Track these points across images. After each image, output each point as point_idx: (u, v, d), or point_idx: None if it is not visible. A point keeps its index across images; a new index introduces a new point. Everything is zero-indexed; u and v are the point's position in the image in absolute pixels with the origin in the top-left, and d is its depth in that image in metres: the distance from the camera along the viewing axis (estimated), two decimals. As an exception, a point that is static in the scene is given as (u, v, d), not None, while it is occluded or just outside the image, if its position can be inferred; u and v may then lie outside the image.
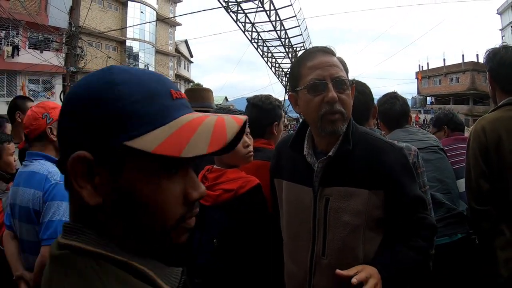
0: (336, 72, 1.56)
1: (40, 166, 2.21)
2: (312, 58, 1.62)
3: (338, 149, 1.61)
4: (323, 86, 1.55)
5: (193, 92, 2.96)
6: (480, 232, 2.39)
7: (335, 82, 1.55)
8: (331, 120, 1.55)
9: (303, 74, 1.62)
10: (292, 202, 1.78)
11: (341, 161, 1.61)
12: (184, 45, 49.61)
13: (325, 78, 1.55)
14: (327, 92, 1.53)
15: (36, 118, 2.27)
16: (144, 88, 0.69)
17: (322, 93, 1.55)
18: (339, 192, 1.60)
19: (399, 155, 1.64)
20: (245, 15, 24.24)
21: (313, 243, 1.65)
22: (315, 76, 1.56)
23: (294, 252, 1.79)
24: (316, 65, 1.59)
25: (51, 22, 21.81)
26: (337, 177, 1.61)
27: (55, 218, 2.07)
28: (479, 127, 2.31)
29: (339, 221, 1.59)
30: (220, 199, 2.06)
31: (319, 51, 1.65)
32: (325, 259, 1.62)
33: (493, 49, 2.45)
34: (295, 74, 1.69)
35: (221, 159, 2.21)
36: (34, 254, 2.14)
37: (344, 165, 1.61)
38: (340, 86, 1.56)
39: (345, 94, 1.58)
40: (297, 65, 1.69)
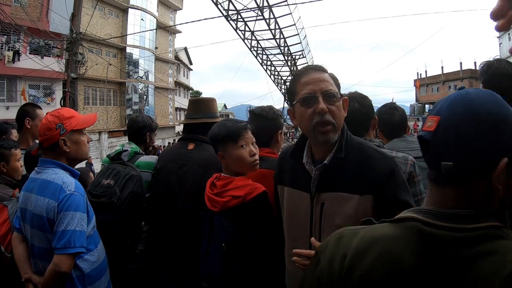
0: (326, 86, 1.74)
1: (54, 175, 2.25)
2: (305, 75, 1.81)
3: (332, 158, 1.77)
4: (314, 99, 1.72)
5: (199, 103, 3.01)
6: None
7: (325, 95, 1.72)
8: (322, 131, 1.72)
9: (297, 90, 1.80)
10: (292, 207, 1.92)
11: (335, 169, 1.76)
12: (184, 52, 49.71)
13: (315, 92, 1.73)
14: (317, 104, 1.71)
15: (50, 129, 2.30)
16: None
17: (313, 105, 1.72)
18: (332, 197, 1.74)
19: (388, 163, 1.75)
20: (245, 24, 24.39)
21: (309, 245, 1.74)
22: (307, 91, 1.75)
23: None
24: (308, 81, 1.77)
25: (52, 28, 21.87)
26: (331, 184, 1.76)
27: (69, 228, 2.12)
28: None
29: (332, 224, 1.70)
30: (228, 205, 2.15)
31: (312, 69, 1.84)
32: None
33: (487, 62, 2.54)
34: (291, 90, 1.87)
35: (228, 167, 2.33)
36: (44, 259, 2.19)
37: (338, 172, 1.76)
38: (330, 99, 1.73)
39: (335, 106, 1.74)
40: (293, 82, 1.87)
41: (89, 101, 29.10)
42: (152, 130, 3.33)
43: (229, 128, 2.30)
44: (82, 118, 2.47)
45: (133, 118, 3.37)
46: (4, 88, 22.35)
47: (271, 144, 2.73)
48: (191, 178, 2.69)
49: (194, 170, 2.71)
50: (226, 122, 2.38)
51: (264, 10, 22.27)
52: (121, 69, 31.14)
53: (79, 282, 2.21)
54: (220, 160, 2.37)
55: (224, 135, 2.29)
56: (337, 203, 1.73)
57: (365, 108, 2.48)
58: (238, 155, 2.27)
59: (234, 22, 23.56)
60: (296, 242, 1.86)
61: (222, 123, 2.39)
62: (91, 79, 27.10)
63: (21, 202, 2.31)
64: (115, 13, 31.86)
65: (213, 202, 2.23)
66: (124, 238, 2.76)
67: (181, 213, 2.67)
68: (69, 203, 2.16)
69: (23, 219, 2.30)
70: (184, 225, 2.64)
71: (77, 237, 2.12)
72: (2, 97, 22.31)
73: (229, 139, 2.28)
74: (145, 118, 3.33)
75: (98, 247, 2.36)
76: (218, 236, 2.21)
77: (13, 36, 21.70)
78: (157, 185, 2.88)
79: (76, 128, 2.38)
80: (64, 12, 20.86)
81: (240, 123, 2.36)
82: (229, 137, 2.28)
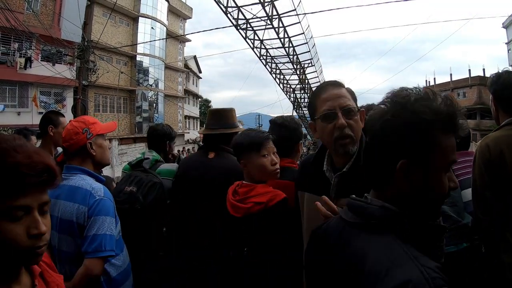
0: (344, 102, 1.85)
1: (82, 181, 2.29)
2: (324, 91, 1.92)
3: (351, 166, 1.88)
4: (334, 115, 1.84)
5: (219, 113, 3.06)
6: (486, 239, 2.52)
7: (344, 111, 1.83)
8: (342, 144, 1.83)
9: (318, 105, 1.92)
10: (312, 211, 1.95)
11: (354, 176, 1.83)
12: (193, 60, 49.88)
13: (335, 108, 1.84)
14: (337, 120, 1.82)
15: (77, 133, 2.37)
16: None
17: (333, 121, 1.84)
18: None
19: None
20: (254, 32, 24.42)
21: None
22: (327, 107, 1.86)
23: None
24: (327, 97, 1.88)
25: (63, 35, 22.02)
26: (349, 190, 1.75)
27: (100, 232, 2.16)
28: (484, 145, 2.50)
29: None
30: (251, 211, 2.24)
31: (330, 85, 1.95)
32: None
33: (496, 73, 2.64)
34: (312, 105, 1.99)
35: (250, 175, 2.41)
36: (73, 264, 2.20)
37: (356, 179, 1.79)
38: (348, 114, 1.84)
39: (353, 120, 1.85)
40: (313, 98, 1.99)
41: (99, 108, 29.30)
42: (171, 139, 3.42)
43: (253, 138, 2.41)
44: (104, 124, 2.56)
45: (154, 126, 3.46)
46: (16, 94, 22.54)
47: (291, 153, 2.80)
48: (212, 186, 2.74)
49: (215, 178, 2.77)
50: (249, 132, 2.50)
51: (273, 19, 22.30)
52: (131, 77, 31.33)
53: (107, 285, 2.26)
54: (243, 168, 2.45)
55: (248, 144, 2.39)
56: None
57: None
58: (260, 164, 2.37)
59: (243, 31, 23.60)
60: None
61: (245, 133, 2.51)
62: (102, 86, 27.31)
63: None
64: (126, 22, 32.12)
65: (236, 208, 2.30)
66: (147, 243, 2.81)
67: (202, 219, 2.74)
68: (100, 208, 2.21)
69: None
70: (204, 232, 2.70)
71: (108, 241, 2.17)
72: (14, 103, 22.51)
73: (252, 149, 2.38)
74: (165, 127, 3.42)
75: (123, 251, 2.42)
76: (240, 241, 2.29)
77: (25, 43, 21.92)
78: (178, 192, 2.94)
79: (100, 133, 2.46)
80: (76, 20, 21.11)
81: (263, 133, 2.47)
82: (252, 147, 2.38)
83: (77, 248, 2.20)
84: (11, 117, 21.20)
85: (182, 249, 2.88)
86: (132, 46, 31.07)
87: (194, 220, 2.79)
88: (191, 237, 2.81)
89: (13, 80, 21.99)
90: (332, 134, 1.84)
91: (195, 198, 2.81)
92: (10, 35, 20.71)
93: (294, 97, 37.61)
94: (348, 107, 1.84)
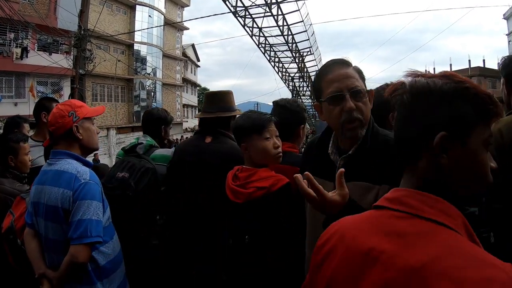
0: (352, 83, 1.73)
1: (68, 165, 2.21)
2: (331, 71, 1.78)
3: (357, 148, 1.77)
4: (341, 97, 1.72)
5: (215, 96, 2.93)
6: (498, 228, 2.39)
7: (351, 93, 1.71)
8: (350, 128, 1.73)
9: (323, 87, 1.79)
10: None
11: (360, 159, 1.75)
12: (191, 49, 49.78)
13: (342, 90, 1.72)
14: (345, 102, 1.70)
15: (63, 116, 2.28)
16: None
17: (341, 103, 1.72)
18: (354, 186, 1.67)
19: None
20: (253, 20, 24.29)
21: None
22: (334, 89, 1.73)
23: (314, 242, 1.79)
24: (334, 78, 1.75)
25: (60, 24, 21.86)
26: (354, 173, 1.71)
27: (85, 217, 2.08)
28: (496, 129, 2.34)
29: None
30: (253, 196, 2.12)
31: (336, 63, 1.81)
32: None
33: (508, 56, 2.51)
34: (317, 87, 1.85)
35: (251, 159, 2.29)
36: (59, 253, 2.14)
37: (361, 163, 1.75)
38: (357, 96, 1.73)
39: (362, 102, 1.74)
40: (318, 79, 1.85)
41: (97, 98, 29.22)
42: (167, 124, 3.29)
43: (254, 119, 2.29)
44: (92, 108, 2.49)
45: (149, 111, 3.35)
46: (13, 84, 22.47)
47: (292, 137, 2.67)
48: (210, 171, 2.63)
49: (212, 163, 2.65)
50: (251, 114, 2.37)
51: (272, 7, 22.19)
52: (129, 65, 31.21)
53: (95, 274, 2.18)
54: (243, 151, 2.33)
55: (249, 126, 2.27)
56: (359, 192, 1.68)
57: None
58: (263, 147, 2.25)
59: (242, 19, 23.48)
60: (318, 230, 1.77)
61: (246, 114, 2.38)
62: (99, 75, 27.17)
63: (33, 196, 2.27)
64: (123, 10, 31.94)
65: (237, 193, 2.19)
66: (139, 232, 2.72)
67: (199, 206, 2.62)
68: (85, 192, 2.13)
69: (36, 213, 2.25)
70: (201, 219, 2.59)
71: (94, 226, 2.09)
72: (11, 93, 22.42)
73: (254, 131, 2.26)
74: (160, 111, 3.29)
75: (113, 239, 2.34)
76: (240, 228, 2.17)
77: (21, 33, 21.77)
78: (173, 178, 2.82)
79: (87, 116, 2.38)
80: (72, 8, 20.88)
81: (265, 115, 2.35)
82: (254, 129, 2.26)
83: (64, 236, 2.13)
84: (8, 108, 21.09)
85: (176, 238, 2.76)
86: (129, 35, 30.93)
87: (190, 207, 2.66)
88: (186, 225, 2.67)
89: (10, 71, 21.91)
90: (340, 118, 1.73)
91: (192, 184, 2.68)
92: (6, 25, 20.52)
93: (293, 85, 37.53)
94: (356, 88, 1.72)
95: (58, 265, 2.13)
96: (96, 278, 2.18)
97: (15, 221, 2.59)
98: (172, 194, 2.80)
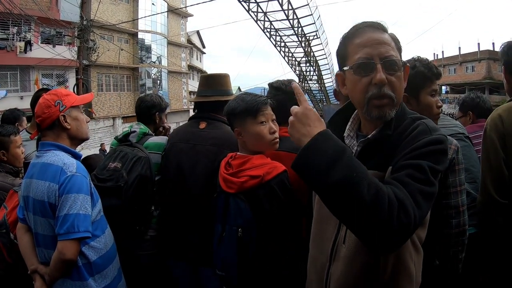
0: (386, 51, 1.42)
1: (54, 157, 2.14)
2: (361, 34, 1.48)
3: (378, 132, 1.49)
4: (371, 66, 1.42)
5: (211, 79, 2.83)
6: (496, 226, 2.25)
7: (384, 62, 1.41)
8: (378, 105, 1.43)
9: (350, 52, 1.49)
10: None
11: (379, 145, 1.48)
12: (196, 36, 49.52)
13: (373, 58, 1.42)
14: (375, 73, 1.40)
15: (49, 106, 2.20)
16: None
17: (370, 74, 1.42)
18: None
19: (433, 137, 1.37)
20: (257, 5, 24.07)
21: (338, 229, 1.54)
22: (363, 55, 1.43)
23: (319, 236, 1.67)
24: (364, 42, 1.45)
25: (62, 16, 21.94)
26: (371, 161, 1.44)
27: (72, 211, 2.01)
28: (496, 115, 2.26)
29: None
30: (245, 185, 2.01)
31: (369, 26, 1.49)
32: (343, 248, 1.50)
33: (508, 43, 2.40)
34: (342, 52, 1.55)
35: (245, 145, 2.18)
36: (49, 248, 2.10)
37: (380, 149, 1.47)
38: (390, 67, 1.42)
39: (395, 77, 1.43)
40: (344, 42, 1.54)
41: (102, 88, 29.19)
42: (161, 110, 3.16)
43: (248, 102, 2.14)
44: (79, 96, 2.40)
45: (141, 97, 3.22)
46: (18, 78, 22.54)
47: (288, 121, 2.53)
48: (204, 158, 2.53)
49: (206, 150, 2.55)
50: (244, 96, 2.22)
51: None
52: (134, 54, 31.13)
53: (86, 270, 2.12)
54: (237, 137, 2.22)
55: (243, 109, 2.13)
56: None
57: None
58: (257, 132, 2.12)
59: (246, 4, 23.28)
60: (325, 223, 1.62)
61: (240, 97, 2.23)
62: (104, 65, 27.18)
63: (23, 190, 2.21)
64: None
65: (229, 183, 2.08)
66: (133, 224, 2.64)
67: (193, 195, 2.52)
68: (71, 185, 2.05)
69: (26, 208, 2.19)
70: (196, 209, 2.50)
71: (81, 221, 2.02)
72: (16, 87, 22.50)
73: (248, 114, 2.12)
74: (153, 97, 3.16)
75: (105, 233, 2.27)
76: (233, 219, 2.06)
77: (23, 26, 21.75)
78: (167, 166, 2.72)
79: (75, 105, 2.29)
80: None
81: (260, 97, 2.20)
82: (248, 112, 2.12)
83: (52, 231, 2.07)
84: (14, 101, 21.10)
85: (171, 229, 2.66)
86: (133, 24, 30.77)
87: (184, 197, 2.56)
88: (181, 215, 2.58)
89: (14, 65, 22.00)
90: (367, 92, 1.43)
91: (185, 172, 2.58)
92: (8, 19, 20.48)
93: (300, 70, 37.22)
94: (391, 58, 1.42)
95: (49, 260, 2.08)
96: (88, 274, 2.12)
97: (7, 215, 2.55)
98: (166, 183, 2.71)
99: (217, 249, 2.16)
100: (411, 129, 1.43)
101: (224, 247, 2.10)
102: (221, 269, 2.13)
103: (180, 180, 2.58)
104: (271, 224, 1.99)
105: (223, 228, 2.11)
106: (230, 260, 2.07)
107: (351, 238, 1.47)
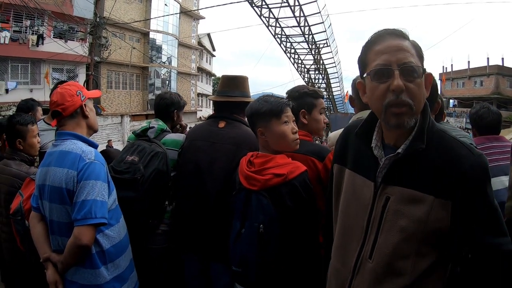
0: (405, 58, 1.39)
1: (73, 145, 2.18)
2: (380, 41, 1.46)
3: (409, 146, 1.45)
4: (389, 72, 1.39)
5: (235, 80, 2.86)
6: None
7: (402, 69, 1.38)
8: (396, 113, 1.39)
9: (370, 59, 1.48)
10: (352, 193, 1.63)
11: (411, 160, 1.44)
12: (207, 38, 49.67)
13: (391, 64, 1.39)
14: (392, 79, 1.38)
15: (72, 95, 2.25)
16: None
17: (387, 80, 1.39)
18: (401, 193, 1.44)
19: (478, 161, 1.39)
20: (269, 10, 24.17)
21: (362, 243, 1.52)
22: (381, 62, 1.41)
23: (343, 247, 1.65)
24: (383, 49, 1.43)
25: (75, 12, 21.98)
26: (402, 177, 1.45)
27: (89, 197, 2.04)
28: None
29: (395, 224, 1.43)
30: (269, 183, 2.05)
31: (389, 33, 1.47)
32: (370, 263, 1.48)
33: None
34: (362, 59, 1.53)
35: (267, 145, 2.23)
36: (64, 235, 2.12)
37: (413, 165, 1.44)
38: (408, 74, 1.39)
39: (414, 83, 1.39)
40: (365, 50, 1.53)
41: (111, 85, 29.27)
42: (180, 108, 3.19)
43: (272, 103, 2.22)
44: (89, 91, 2.49)
45: (161, 94, 3.24)
46: (28, 71, 22.60)
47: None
48: (222, 157, 2.56)
49: (225, 149, 2.58)
50: (267, 97, 2.30)
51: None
52: (144, 54, 31.24)
53: (99, 258, 2.14)
54: (259, 137, 2.26)
55: (267, 110, 2.20)
56: (405, 201, 1.42)
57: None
58: (281, 132, 2.19)
59: (258, 9, 23.39)
60: (349, 235, 1.61)
61: (263, 98, 2.30)
62: (114, 63, 27.27)
63: (38, 178, 2.24)
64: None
65: (252, 180, 2.12)
66: (147, 217, 2.66)
67: (210, 192, 2.55)
68: (90, 172, 2.09)
69: (41, 196, 2.22)
70: (212, 205, 2.52)
71: (98, 208, 2.05)
72: (26, 79, 22.56)
73: (272, 115, 2.20)
74: (173, 95, 3.19)
75: (119, 222, 2.30)
76: (254, 216, 2.08)
77: (37, 20, 21.86)
78: (184, 163, 2.74)
79: (90, 97, 2.37)
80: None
81: (283, 99, 2.30)
82: (272, 113, 2.20)
83: (68, 218, 2.09)
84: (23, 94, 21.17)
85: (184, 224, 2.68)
86: (145, 24, 30.92)
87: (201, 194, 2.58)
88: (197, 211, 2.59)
89: (25, 57, 22.02)
90: (384, 99, 1.40)
91: (203, 170, 2.60)
92: (22, 12, 20.58)
93: (309, 77, 37.23)
94: (409, 64, 1.38)
95: (63, 248, 2.10)
96: (101, 262, 2.14)
97: (23, 202, 2.58)
98: (182, 179, 2.73)
99: (234, 245, 2.18)
100: (445, 144, 1.44)
101: (243, 244, 2.12)
102: (238, 265, 2.15)
103: (198, 177, 2.60)
104: (293, 222, 2.02)
105: (242, 224, 2.13)
106: (249, 257, 2.08)
107: (381, 254, 1.45)
